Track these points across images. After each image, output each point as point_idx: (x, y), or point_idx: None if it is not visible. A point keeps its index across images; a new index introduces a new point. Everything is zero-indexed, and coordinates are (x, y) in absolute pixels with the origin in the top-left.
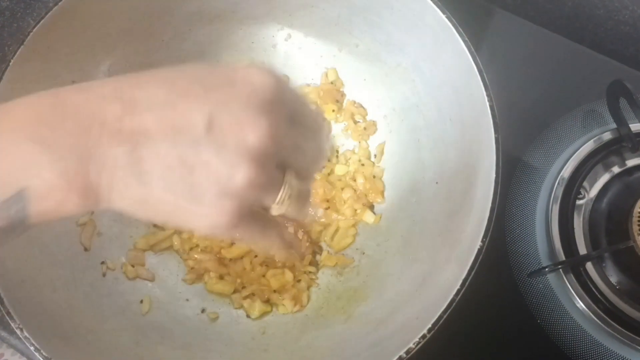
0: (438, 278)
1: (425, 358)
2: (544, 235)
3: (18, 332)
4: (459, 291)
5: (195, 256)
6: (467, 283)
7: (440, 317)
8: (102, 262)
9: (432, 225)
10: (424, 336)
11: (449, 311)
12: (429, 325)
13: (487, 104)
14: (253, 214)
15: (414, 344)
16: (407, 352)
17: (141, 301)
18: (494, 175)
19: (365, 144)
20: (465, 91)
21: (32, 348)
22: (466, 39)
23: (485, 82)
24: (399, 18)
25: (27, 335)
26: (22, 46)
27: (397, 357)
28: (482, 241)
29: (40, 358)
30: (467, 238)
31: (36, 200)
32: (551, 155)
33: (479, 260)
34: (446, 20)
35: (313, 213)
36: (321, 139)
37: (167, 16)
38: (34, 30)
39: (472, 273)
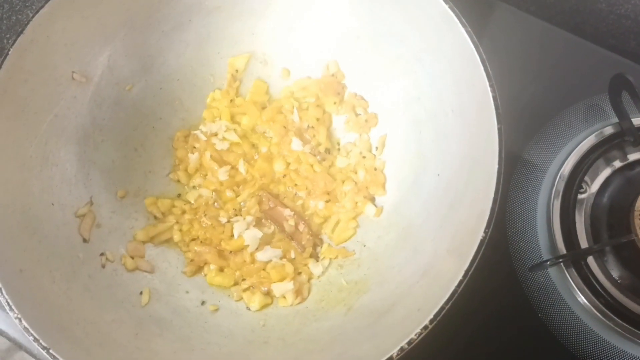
0: (440, 270)
1: (427, 350)
2: (545, 230)
3: (17, 322)
4: (461, 282)
5: (195, 248)
6: (469, 274)
7: (442, 308)
8: (102, 254)
9: (434, 217)
10: (425, 327)
11: (450, 302)
12: (431, 316)
13: (490, 94)
14: None
15: (415, 334)
16: (409, 343)
17: (140, 293)
18: (496, 166)
19: (366, 136)
20: (467, 82)
21: (30, 338)
22: (469, 28)
23: (488, 72)
24: (401, 9)
25: (26, 326)
26: (20, 35)
27: (398, 347)
28: (485, 232)
29: (39, 348)
30: (469, 230)
31: None
32: (553, 150)
33: (481, 251)
34: (448, 10)
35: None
36: None
37: (166, 7)
38: (33, 19)
39: (474, 264)
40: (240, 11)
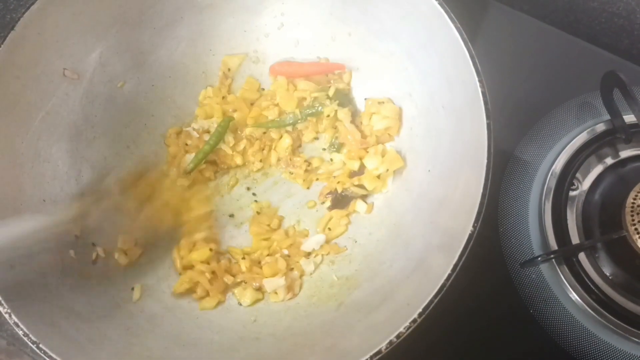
0: (429, 264)
1: (419, 347)
2: (537, 226)
3: (7, 317)
4: (449, 276)
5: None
6: (457, 268)
7: (430, 302)
8: (93, 250)
9: (424, 213)
10: (414, 321)
11: (439, 296)
12: (420, 310)
13: (479, 90)
14: None
15: (404, 328)
16: (397, 337)
17: (132, 289)
18: (485, 161)
19: None
20: (457, 78)
21: (20, 333)
22: (459, 25)
23: (477, 68)
24: (393, 6)
25: (16, 321)
26: (12, 32)
27: (387, 341)
28: (474, 226)
29: (29, 343)
30: (458, 224)
31: None
32: (545, 147)
33: (470, 246)
34: (439, 7)
35: None
36: None
37: (158, 4)
38: (24, 15)
39: (463, 259)
40: (233, 9)
